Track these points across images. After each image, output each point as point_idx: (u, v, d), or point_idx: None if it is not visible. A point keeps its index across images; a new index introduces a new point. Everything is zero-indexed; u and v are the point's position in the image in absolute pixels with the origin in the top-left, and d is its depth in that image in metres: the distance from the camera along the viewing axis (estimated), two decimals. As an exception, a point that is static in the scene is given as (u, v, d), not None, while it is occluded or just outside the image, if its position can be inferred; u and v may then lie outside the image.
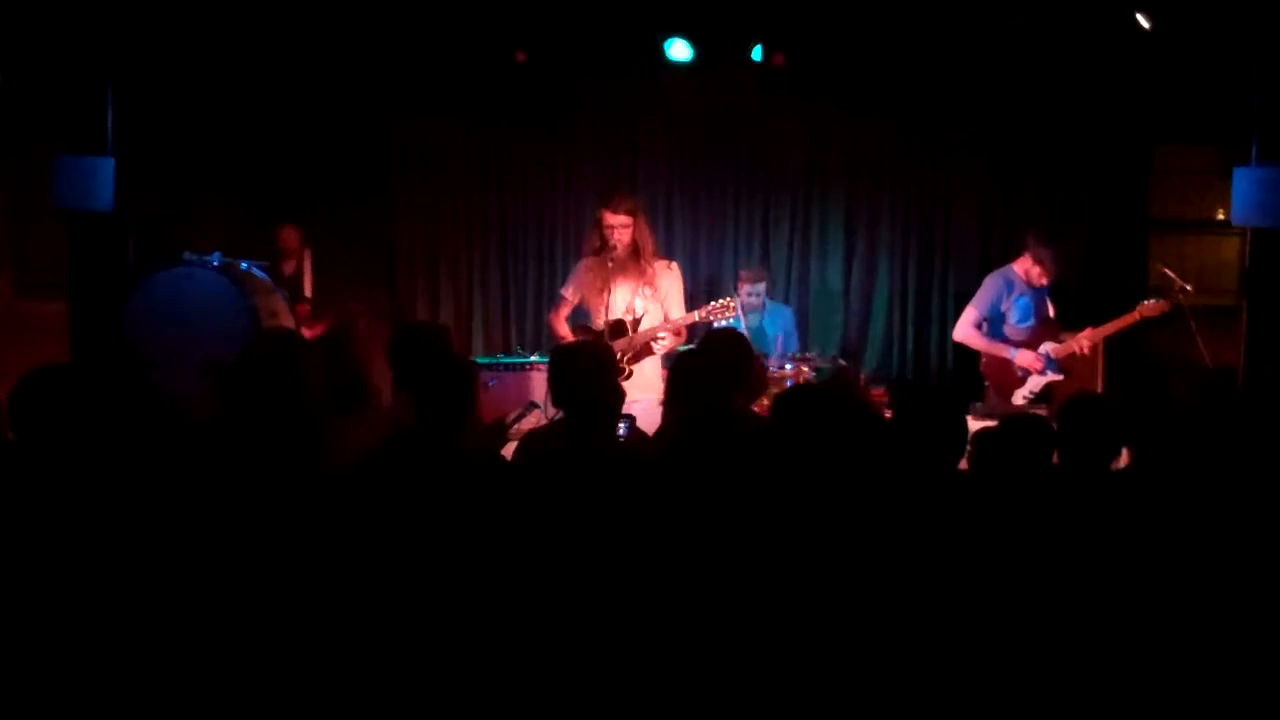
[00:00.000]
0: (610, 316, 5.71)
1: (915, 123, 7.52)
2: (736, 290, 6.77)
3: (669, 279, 5.81)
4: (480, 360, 6.70)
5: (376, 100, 7.25)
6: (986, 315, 6.22)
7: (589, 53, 7.07)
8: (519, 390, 6.36)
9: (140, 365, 4.31)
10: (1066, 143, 7.44)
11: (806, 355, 6.57)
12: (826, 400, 3.49)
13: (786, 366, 6.25)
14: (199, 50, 6.53)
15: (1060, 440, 3.38)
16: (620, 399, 3.76)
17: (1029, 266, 6.16)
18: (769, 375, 5.79)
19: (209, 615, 2.79)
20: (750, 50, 7.02)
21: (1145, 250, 7.45)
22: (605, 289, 5.69)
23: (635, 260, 5.69)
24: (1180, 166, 7.68)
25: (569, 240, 7.58)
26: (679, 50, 6.98)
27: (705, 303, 5.79)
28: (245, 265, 6.04)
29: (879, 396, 6.53)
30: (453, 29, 6.86)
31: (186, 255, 5.95)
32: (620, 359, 5.45)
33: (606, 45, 7.02)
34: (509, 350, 7.45)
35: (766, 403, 4.57)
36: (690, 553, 2.92)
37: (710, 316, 5.58)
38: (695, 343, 5.00)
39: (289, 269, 6.65)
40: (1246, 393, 5.10)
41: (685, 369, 3.98)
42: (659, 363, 5.72)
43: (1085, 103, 7.25)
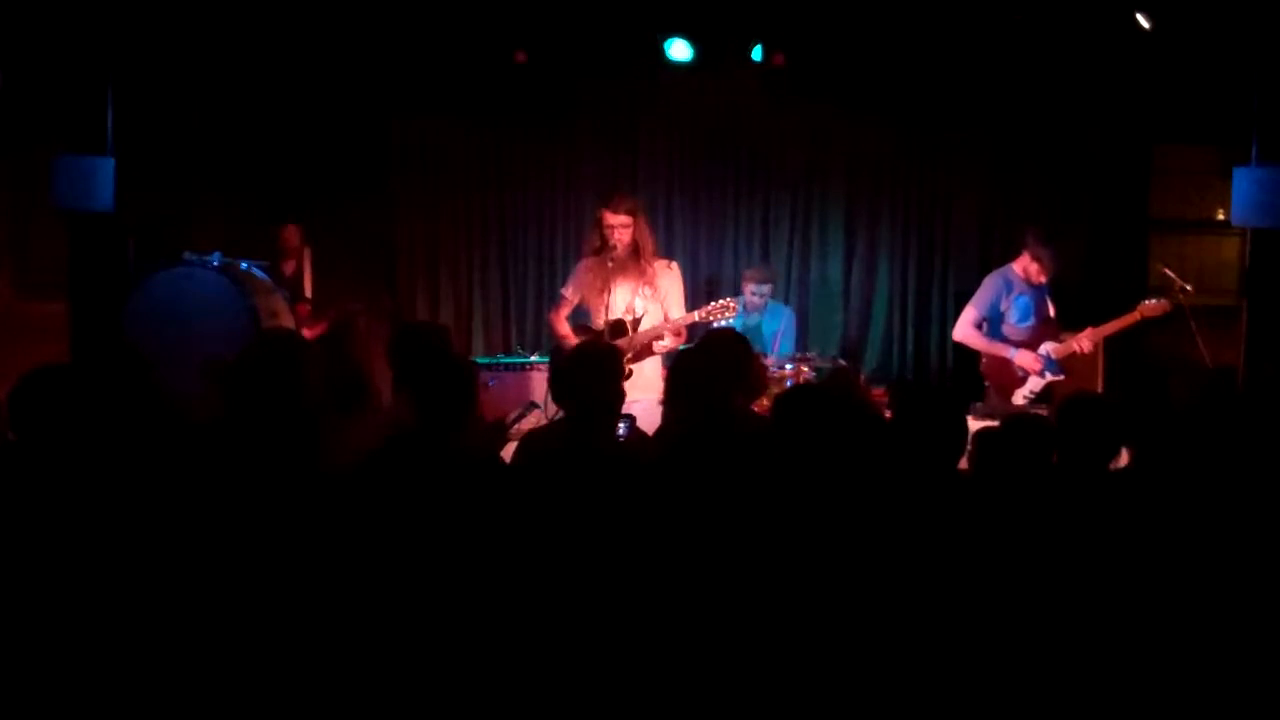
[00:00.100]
0: (610, 316, 5.72)
1: (915, 123, 7.53)
2: (742, 289, 6.77)
3: (669, 279, 5.81)
4: (480, 360, 6.71)
5: (376, 100, 7.24)
6: (986, 315, 6.22)
7: (589, 53, 7.07)
8: (519, 390, 6.37)
9: (140, 365, 4.30)
10: (1066, 143, 7.45)
11: (806, 355, 6.57)
12: (826, 400, 3.49)
13: (786, 366, 6.25)
14: (199, 50, 6.53)
15: (1059, 440, 3.38)
16: (621, 399, 3.76)
17: (1027, 264, 6.15)
18: (769, 375, 5.79)
19: (209, 615, 2.79)
20: (750, 50, 7.02)
21: (1145, 250, 7.44)
22: (605, 289, 5.69)
23: (635, 260, 5.70)
24: (1180, 166, 7.68)
25: (569, 240, 7.58)
26: (679, 50, 6.98)
27: (705, 303, 5.80)
28: (245, 265, 6.04)
29: (879, 396, 6.53)
30: (453, 29, 6.86)
31: (186, 255, 5.95)
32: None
33: (606, 45, 7.02)
34: (509, 350, 7.45)
35: (766, 403, 4.57)
36: (690, 553, 2.92)
37: (710, 316, 5.58)
38: (695, 342, 5.00)
39: (289, 269, 6.65)
40: (1246, 393, 5.10)
41: (685, 369, 3.98)
42: (659, 363, 5.72)
43: (1085, 103, 7.25)
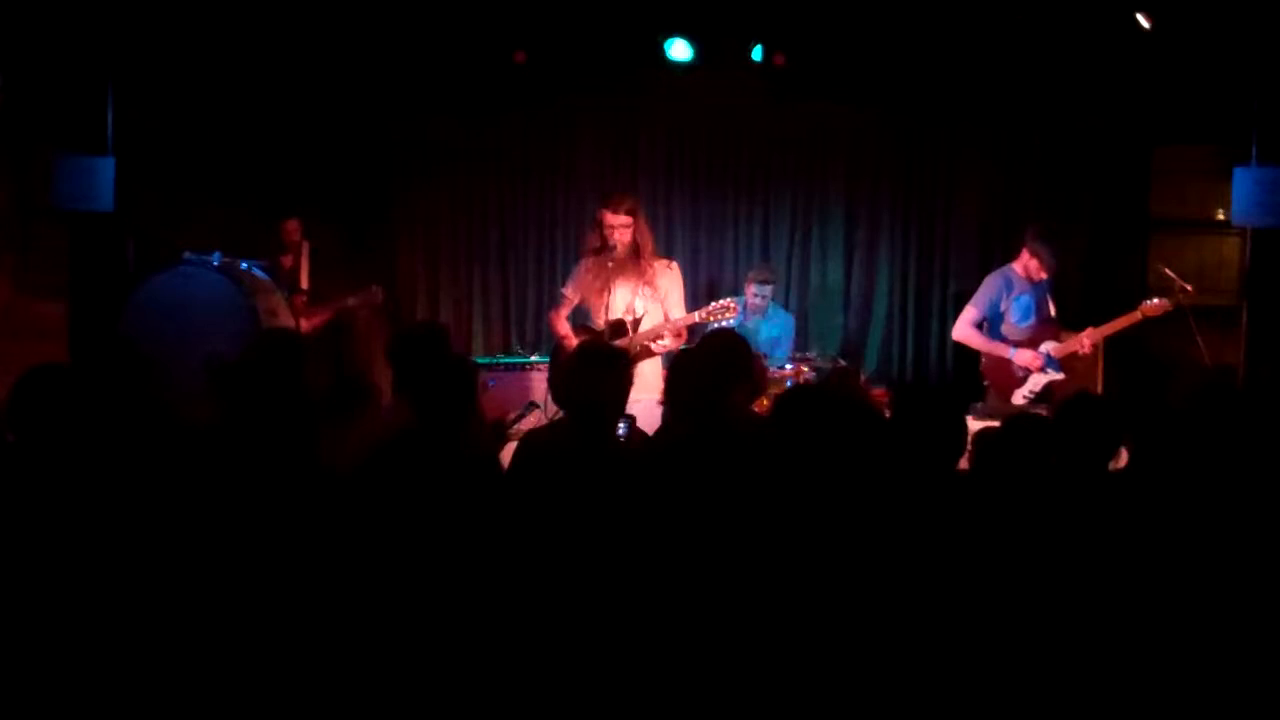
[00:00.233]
0: (610, 316, 5.71)
1: (915, 123, 7.53)
2: (744, 289, 6.77)
3: (669, 278, 5.81)
4: (480, 360, 6.71)
5: (376, 100, 7.24)
6: (986, 315, 6.21)
7: (589, 53, 7.07)
8: (519, 390, 6.37)
9: (140, 365, 4.30)
10: (1066, 143, 7.45)
11: (806, 355, 6.57)
12: (826, 400, 3.49)
13: (786, 366, 6.25)
14: (199, 50, 6.52)
15: (1057, 439, 3.38)
16: (623, 400, 3.75)
17: (1027, 261, 6.14)
18: (769, 375, 5.78)
19: (209, 615, 2.79)
20: (750, 50, 7.01)
21: (1145, 250, 7.43)
22: (605, 289, 5.69)
23: (635, 260, 5.69)
24: (1180, 166, 7.67)
25: (569, 240, 7.58)
26: (679, 50, 6.97)
27: (705, 303, 5.79)
28: (245, 265, 6.05)
29: (879, 396, 6.53)
30: (452, 29, 6.86)
31: (186, 255, 5.95)
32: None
33: (606, 45, 7.02)
34: (509, 350, 7.45)
35: (766, 403, 4.57)
36: (690, 552, 2.92)
37: (711, 317, 5.57)
38: (695, 343, 5.00)
39: (288, 262, 6.64)
40: (1246, 393, 5.09)
41: (684, 369, 3.98)
42: (659, 363, 5.71)
43: (1085, 102, 7.24)
